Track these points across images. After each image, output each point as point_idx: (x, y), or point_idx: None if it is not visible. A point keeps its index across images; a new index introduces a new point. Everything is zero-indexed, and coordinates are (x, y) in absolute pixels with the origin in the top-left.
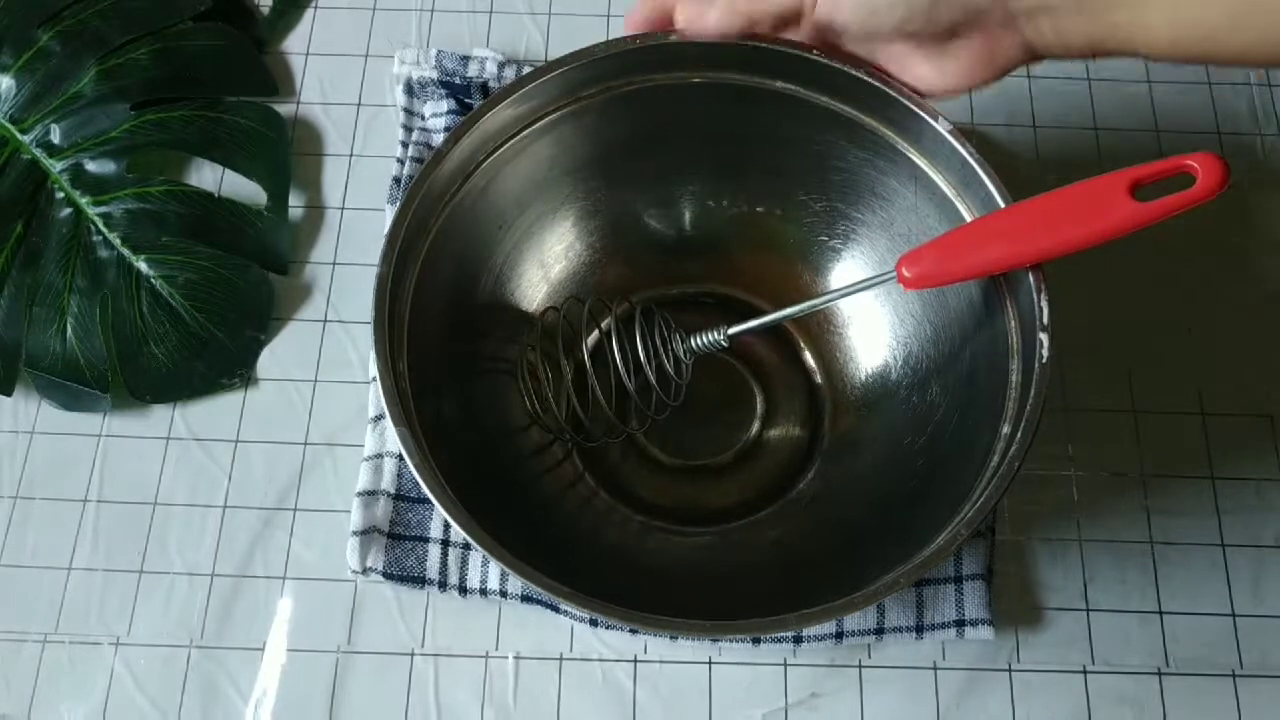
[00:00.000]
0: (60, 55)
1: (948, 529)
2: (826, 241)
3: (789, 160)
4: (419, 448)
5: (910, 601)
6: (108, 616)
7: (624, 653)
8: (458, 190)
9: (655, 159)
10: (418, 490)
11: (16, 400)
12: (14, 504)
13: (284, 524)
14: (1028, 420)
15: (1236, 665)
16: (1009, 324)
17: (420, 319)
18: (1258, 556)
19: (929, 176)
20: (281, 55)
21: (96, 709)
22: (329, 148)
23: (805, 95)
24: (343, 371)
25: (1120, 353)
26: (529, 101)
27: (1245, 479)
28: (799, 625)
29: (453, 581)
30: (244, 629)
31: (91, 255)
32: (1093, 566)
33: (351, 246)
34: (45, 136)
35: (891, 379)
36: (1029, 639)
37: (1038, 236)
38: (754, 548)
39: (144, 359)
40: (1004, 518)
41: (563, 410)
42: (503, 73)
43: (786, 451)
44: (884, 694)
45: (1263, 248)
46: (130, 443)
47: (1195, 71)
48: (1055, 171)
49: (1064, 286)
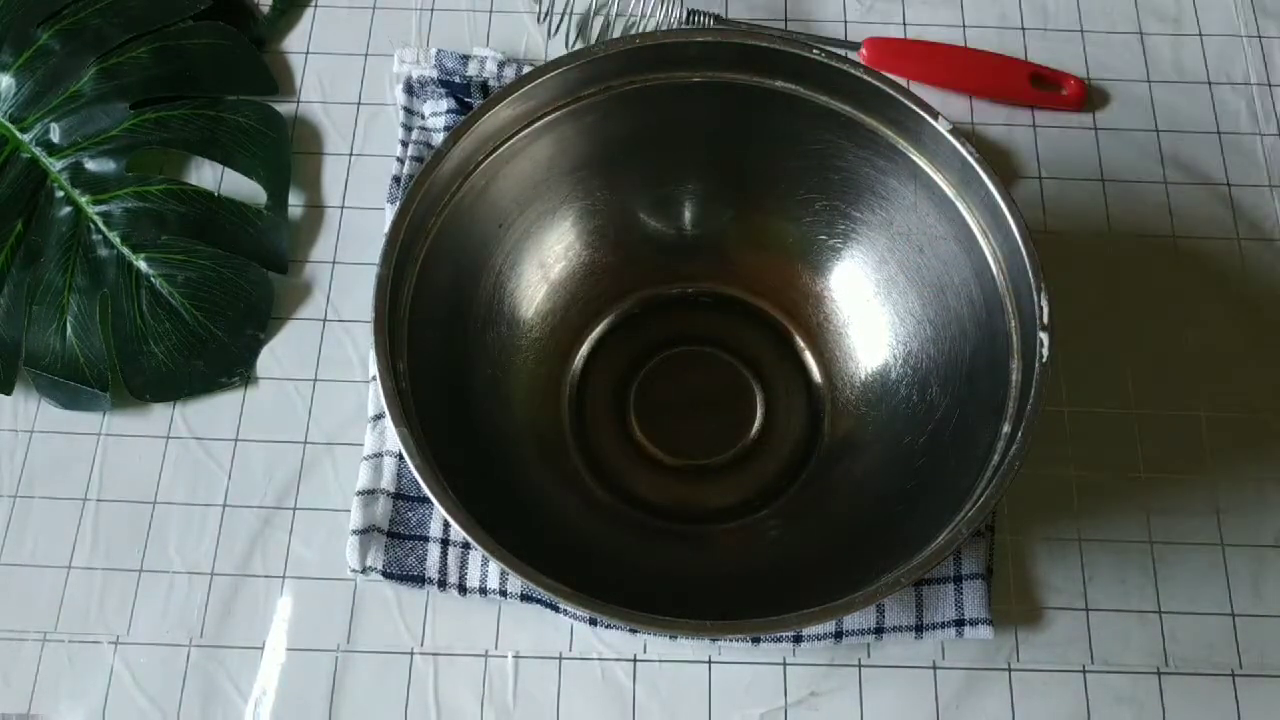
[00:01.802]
0: (60, 54)
1: (947, 529)
2: (826, 240)
3: (788, 159)
4: (419, 448)
5: (910, 601)
6: (107, 615)
7: (623, 652)
8: (458, 190)
9: (655, 158)
10: (417, 489)
11: (16, 399)
12: (13, 503)
13: (284, 523)
14: (1028, 420)
15: (1236, 665)
16: (1009, 323)
17: (420, 319)
18: (1257, 556)
19: (928, 175)
20: (281, 54)
21: (96, 708)
22: (329, 147)
23: (805, 95)
24: (342, 370)
25: (1120, 353)
26: (529, 101)
27: (1244, 479)
28: (799, 625)
29: (452, 581)
30: (243, 628)
31: (91, 254)
32: (1092, 566)
33: (351, 246)
34: (45, 135)
35: (891, 378)
36: (1028, 638)
37: (966, 76)
38: (754, 547)
39: (144, 358)
40: (1004, 517)
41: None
42: (503, 72)
43: (786, 451)
44: (883, 693)
45: (1262, 247)
46: (130, 442)
47: (1195, 71)
48: (1054, 170)
49: (1064, 286)
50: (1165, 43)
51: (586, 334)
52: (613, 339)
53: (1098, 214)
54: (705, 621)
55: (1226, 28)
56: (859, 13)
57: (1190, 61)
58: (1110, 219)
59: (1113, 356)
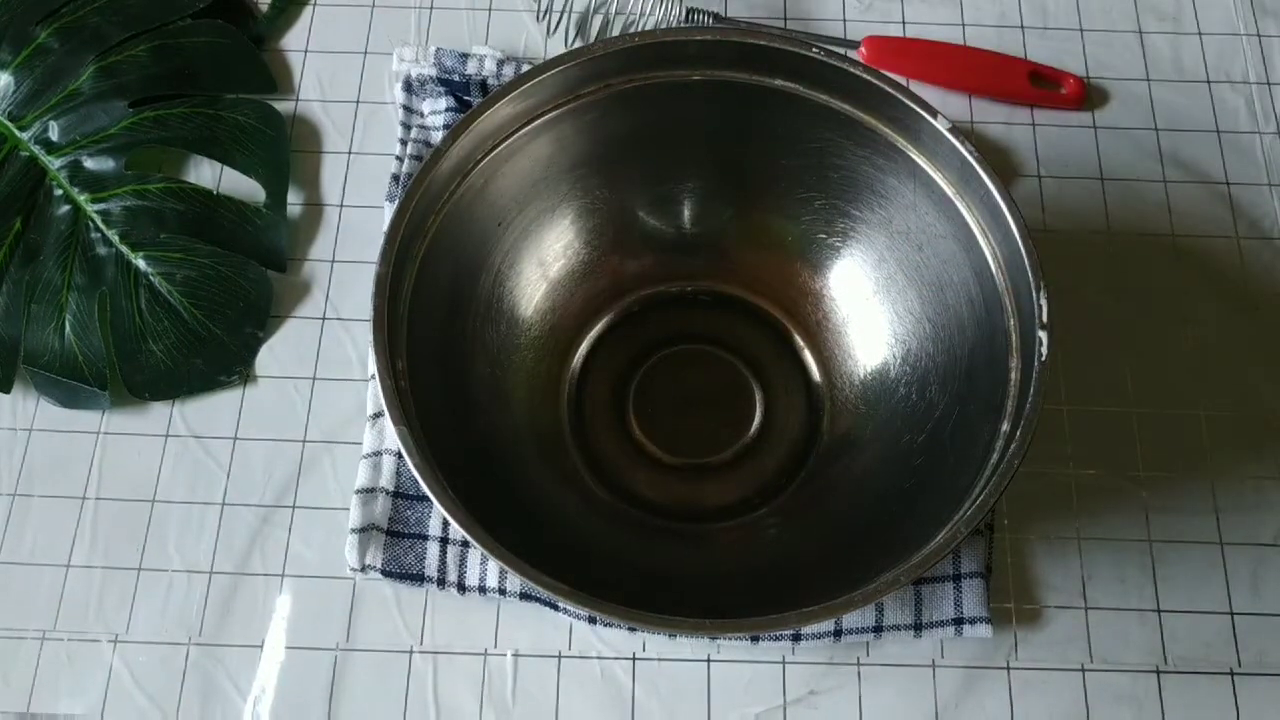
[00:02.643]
0: (59, 52)
1: (947, 527)
2: (825, 239)
3: (788, 158)
4: (418, 446)
5: (909, 599)
6: (106, 613)
7: (623, 650)
8: (457, 188)
9: (654, 157)
10: (416, 488)
11: (15, 397)
12: (12, 501)
13: (283, 521)
14: (1027, 418)
15: (1234, 663)
16: (1008, 322)
17: (419, 317)
18: (1256, 555)
19: (928, 174)
20: (280, 52)
21: (95, 706)
22: (328, 145)
23: (804, 93)
24: (341, 369)
25: (1119, 351)
26: (528, 99)
27: (1244, 477)
28: (798, 623)
29: (451, 579)
30: (243, 626)
31: (90, 252)
32: (1091, 565)
33: (350, 244)
34: (44, 133)
35: (890, 377)
36: (1027, 637)
37: (965, 75)
38: (753, 546)
39: (142, 356)
40: (1003, 516)
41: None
42: (502, 70)
43: (785, 450)
44: (882, 692)
45: (1261, 246)
46: (129, 440)
47: (1195, 70)
48: (1054, 169)
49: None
50: (1165, 41)
51: (586, 332)
52: (612, 337)
53: (1097, 212)
54: (704, 620)
55: (1226, 26)
56: (858, 11)
57: (1190, 60)
58: (1109, 217)
59: (1112, 355)
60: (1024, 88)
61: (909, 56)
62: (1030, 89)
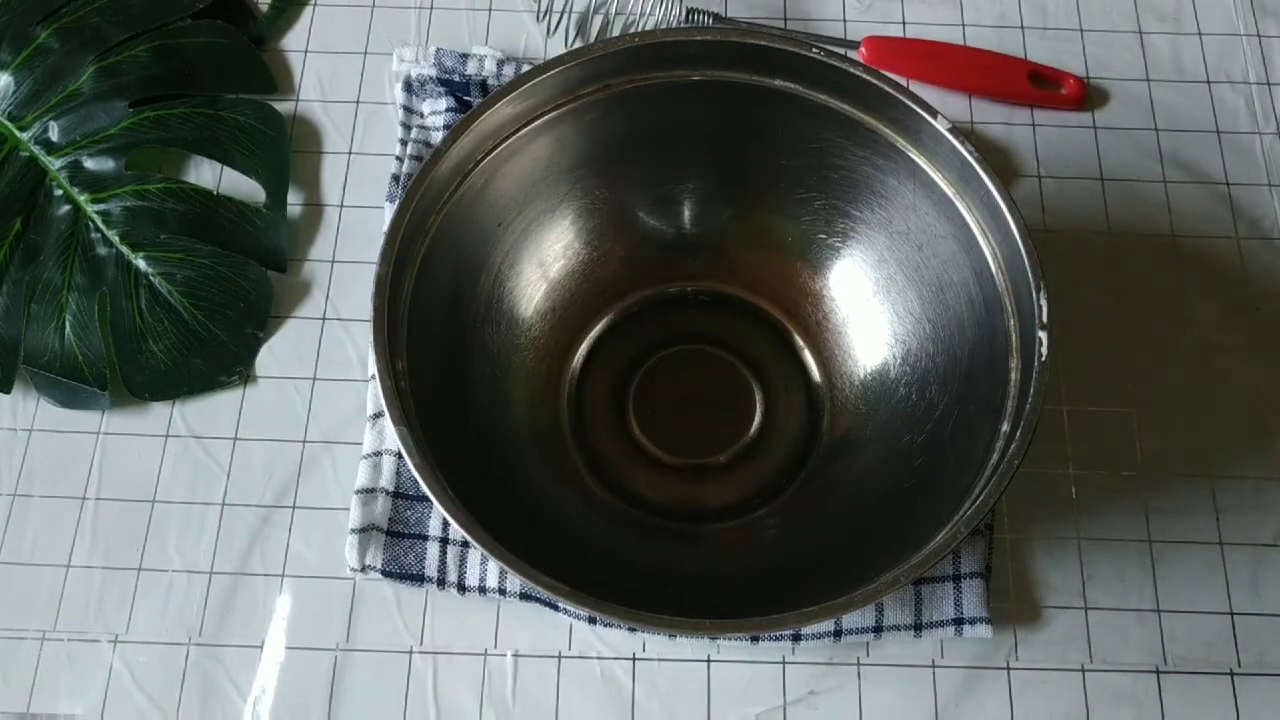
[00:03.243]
0: (59, 52)
1: (947, 527)
2: (825, 239)
3: (788, 158)
4: (418, 446)
5: (909, 600)
6: (106, 614)
7: (622, 651)
8: (457, 188)
9: (654, 157)
10: (416, 488)
11: (15, 397)
12: (12, 501)
13: (283, 521)
14: (1027, 419)
15: (1234, 664)
16: (1008, 322)
17: (419, 317)
18: (1256, 555)
19: (928, 174)
20: (280, 53)
21: (95, 706)
22: (328, 145)
23: (804, 93)
24: (341, 369)
25: (1119, 351)
26: (528, 99)
27: (1243, 478)
28: (799, 623)
29: (451, 579)
30: (242, 626)
31: (90, 252)
32: (1091, 565)
33: (350, 244)
34: (44, 134)
35: (890, 377)
36: (1027, 637)
37: (965, 75)
38: (753, 546)
39: (143, 356)
40: (1003, 516)
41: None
42: (502, 70)
43: (785, 450)
44: (882, 692)
45: (1261, 246)
46: (129, 440)
47: (1195, 70)
48: (1054, 169)
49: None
50: (1164, 41)
51: (586, 332)
52: (612, 337)
53: (1097, 213)
54: (704, 620)
55: (1226, 27)
56: (858, 11)
57: (1189, 60)
58: (1109, 218)
59: (1112, 355)
60: (1024, 88)
61: (909, 57)
62: (1030, 89)
